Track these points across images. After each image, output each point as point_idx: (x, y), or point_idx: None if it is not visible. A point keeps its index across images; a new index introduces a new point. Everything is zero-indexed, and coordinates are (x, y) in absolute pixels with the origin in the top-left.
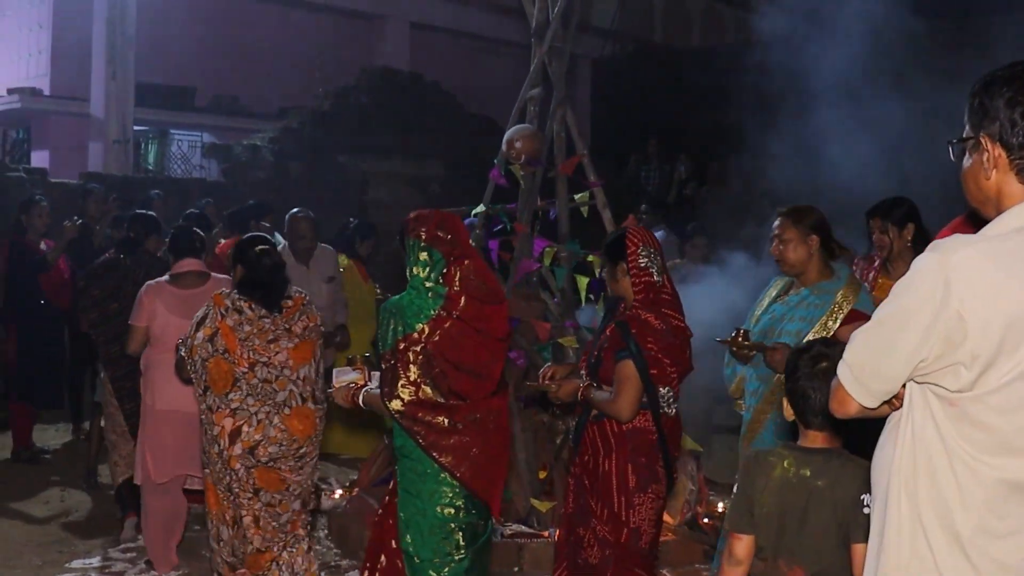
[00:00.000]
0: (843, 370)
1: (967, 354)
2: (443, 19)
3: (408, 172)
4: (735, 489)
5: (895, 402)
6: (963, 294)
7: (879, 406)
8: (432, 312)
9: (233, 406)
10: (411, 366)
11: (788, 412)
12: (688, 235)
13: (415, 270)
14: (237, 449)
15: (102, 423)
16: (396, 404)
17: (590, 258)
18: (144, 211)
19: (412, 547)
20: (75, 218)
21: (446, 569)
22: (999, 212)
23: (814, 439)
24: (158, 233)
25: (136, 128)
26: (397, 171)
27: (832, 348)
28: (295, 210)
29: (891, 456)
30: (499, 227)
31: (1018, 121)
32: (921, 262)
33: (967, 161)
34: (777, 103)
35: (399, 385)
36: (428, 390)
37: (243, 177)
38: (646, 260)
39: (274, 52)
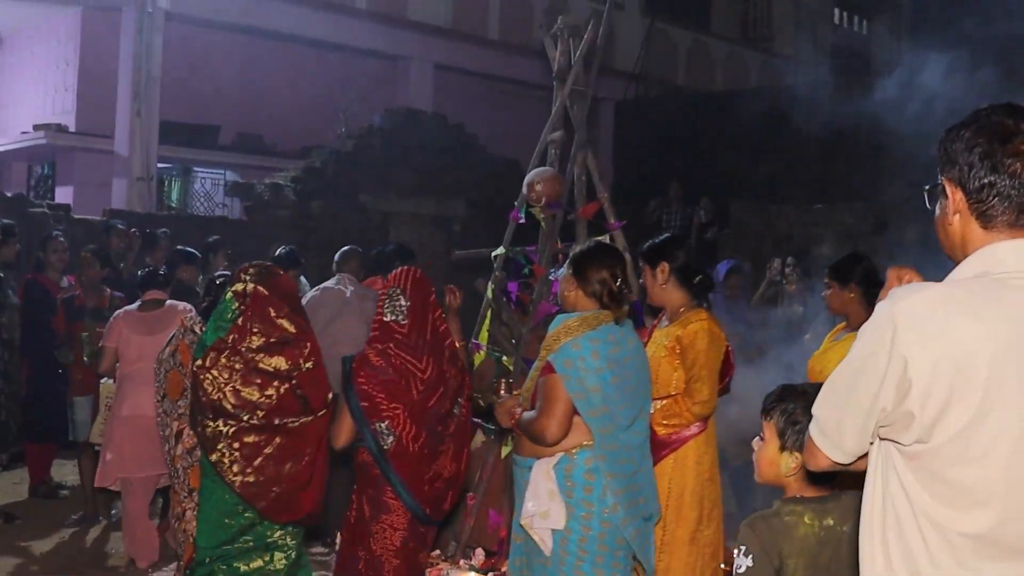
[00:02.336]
0: (812, 424)
1: (916, 402)
2: (466, 61)
3: (430, 212)
4: (748, 561)
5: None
6: (908, 339)
7: (854, 461)
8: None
9: (180, 411)
10: None
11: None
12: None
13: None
14: (179, 449)
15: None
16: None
17: None
18: (181, 247)
19: (196, 534)
20: (92, 247)
21: (220, 562)
22: (965, 257)
23: (818, 486)
24: (191, 263)
25: (160, 165)
26: (419, 211)
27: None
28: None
29: (868, 509)
30: (519, 269)
31: (975, 163)
32: (876, 310)
33: (937, 208)
34: (799, 147)
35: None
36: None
37: (265, 216)
38: (388, 302)
39: (298, 91)
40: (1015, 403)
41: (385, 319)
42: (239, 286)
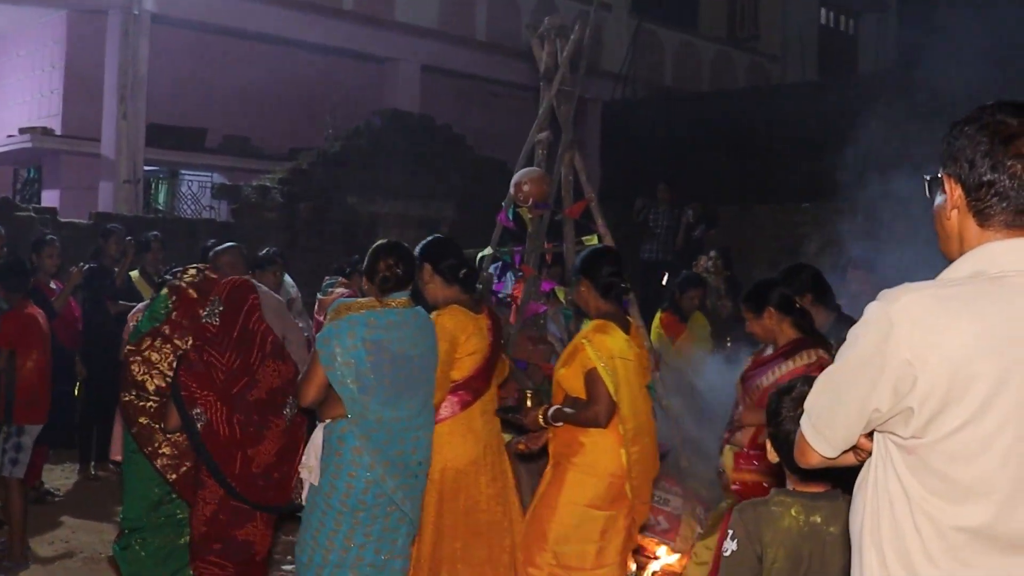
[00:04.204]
0: (804, 418)
1: (915, 399)
2: (453, 62)
3: (417, 214)
4: (733, 545)
5: (859, 452)
6: (906, 340)
7: (839, 456)
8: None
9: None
10: None
11: (772, 455)
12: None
13: None
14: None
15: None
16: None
17: None
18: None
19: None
20: (81, 264)
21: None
22: (962, 254)
23: (814, 484)
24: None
25: (146, 168)
26: (406, 212)
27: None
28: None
29: (860, 506)
30: (507, 269)
31: (977, 161)
32: (868, 311)
33: (936, 201)
34: (787, 147)
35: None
36: None
37: (253, 218)
38: (209, 307)
39: (285, 93)
40: (1013, 402)
41: (203, 321)
42: (175, 283)
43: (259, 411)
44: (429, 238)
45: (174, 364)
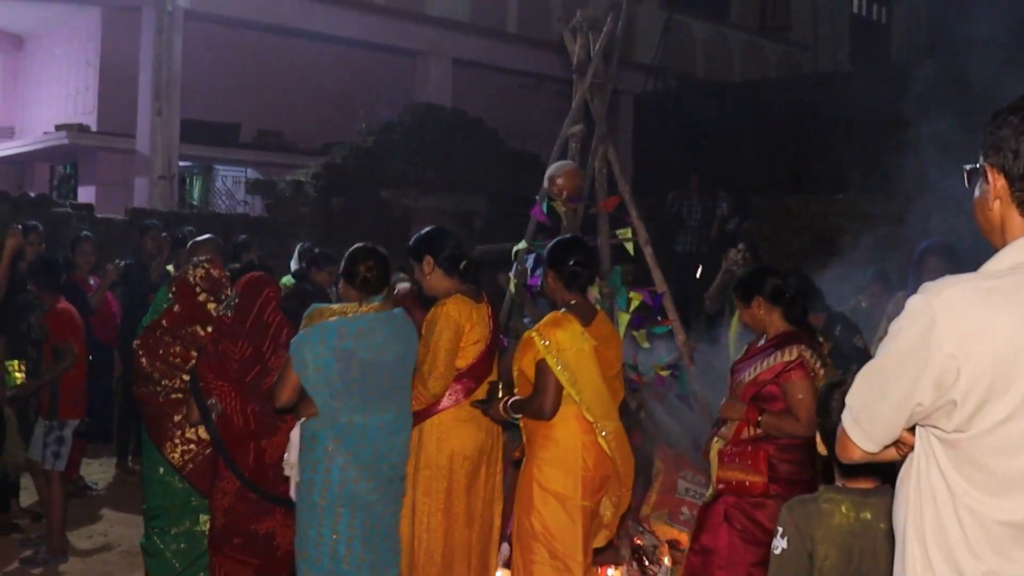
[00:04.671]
0: (845, 413)
1: (959, 392)
2: (486, 55)
3: (450, 207)
4: (783, 543)
5: (901, 447)
6: (950, 333)
7: (881, 450)
8: None
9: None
10: None
11: (822, 449)
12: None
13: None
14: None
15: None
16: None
17: (631, 295)
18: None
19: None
20: (118, 261)
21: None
22: (1004, 244)
23: (862, 479)
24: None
25: (181, 164)
26: (440, 206)
27: None
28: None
29: (904, 500)
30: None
31: (1021, 151)
32: (910, 304)
33: (976, 191)
34: (820, 137)
35: None
36: None
37: (287, 212)
38: (226, 301)
39: (318, 88)
40: None
41: (219, 313)
42: (178, 275)
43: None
44: (427, 229)
45: (176, 355)
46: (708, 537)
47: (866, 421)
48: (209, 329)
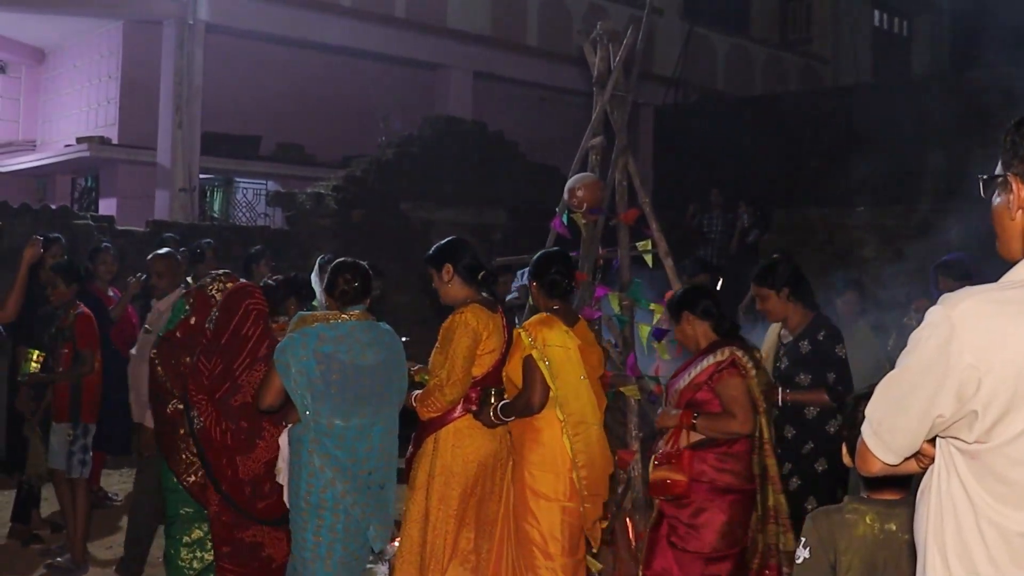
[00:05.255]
0: (865, 425)
1: (980, 403)
2: (506, 68)
3: (470, 220)
4: (805, 552)
5: (922, 459)
6: (970, 344)
7: (901, 463)
8: None
9: None
10: None
11: (848, 461)
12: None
13: None
14: None
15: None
16: None
17: (652, 306)
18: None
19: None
20: (140, 275)
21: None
22: (1023, 255)
23: (887, 491)
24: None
25: (202, 176)
26: (460, 219)
27: None
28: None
29: (924, 512)
30: None
31: None
32: (929, 315)
33: (996, 200)
34: (841, 150)
35: None
36: None
37: (307, 225)
38: (210, 314)
39: (338, 101)
40: None
41: (206, 327)
42: (195, 287)
43: (247, 417)
44: (448, 239)
45: (186, 366)
46: (659, 561)
47: (887, 433)
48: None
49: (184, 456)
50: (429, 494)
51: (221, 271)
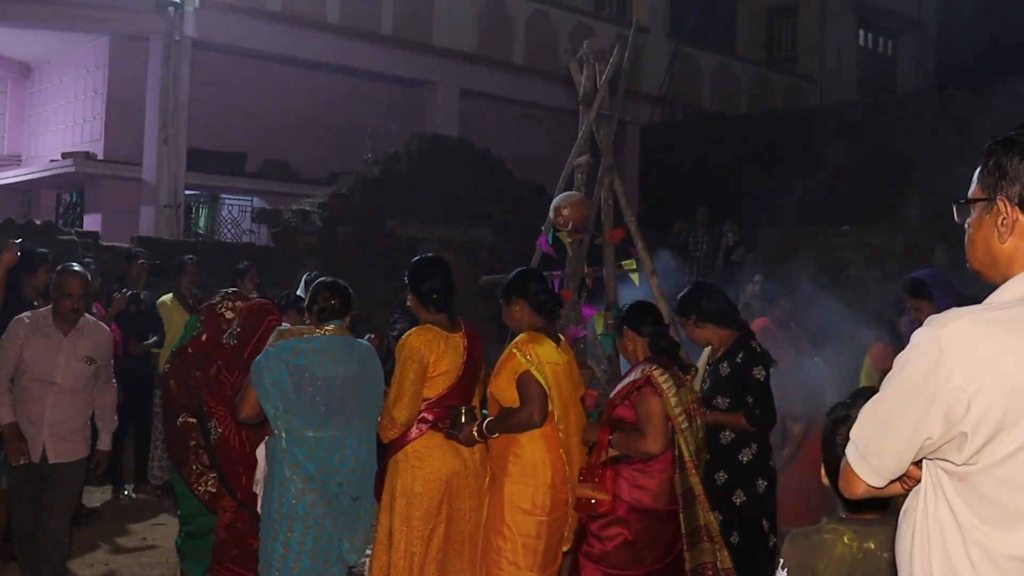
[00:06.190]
0: (849, 447)
1: (970, 424)
2: (492, 86)
3: (456, 238)
4: (783, 574)
5: (907, 481)
6: (959, 366)
7: (886, 485)
8: None
9: None
10: None
11: (826, 480)
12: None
13: None
14: None
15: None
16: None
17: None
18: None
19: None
20: (125, 291)
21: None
22: (1005, 277)
23: (866, 511)
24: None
25: (187, 193)
26: (446, 236)
27: None
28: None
29: (908, 532)
30: None
31: None
32: (916, 337)
33: (975, 222)
34: (826, 168)
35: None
36: None
37: (292, 242)
38: (229, 329)
39: (324, 117)
40: None
41: (225, 341)
42: (209, 303)
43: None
44: (415, 260)
45: (196, 380)
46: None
47: (873, 456)
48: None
49: (195, 467)
50: (392, 515)
51: (230, 289)
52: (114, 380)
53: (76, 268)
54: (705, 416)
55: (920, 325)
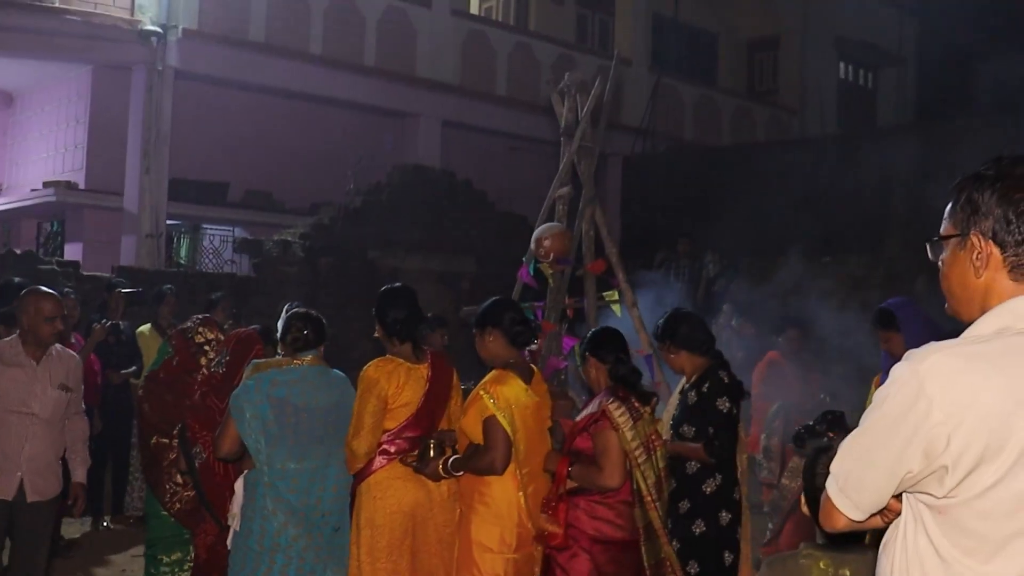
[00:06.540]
0: (830, 481)
1: (950, 458)
2: (474, 117)
3: (438, 268)
4: None
5: (887, 514)
6: (938, 400)
7: (867, 519)
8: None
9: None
10: None
11: (806, 510)
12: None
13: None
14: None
15: None
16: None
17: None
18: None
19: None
20: (104, 321)
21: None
22: (982, 311)
23: (845, 542)
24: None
25: (169, 222)
26: (427, 267)
27: None
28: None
29: (888, 565)
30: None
31: (1012, 219)
32: (895, 371)
33: (949, 259)
34: (808, 200)
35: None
36: None
37: (273, 272)
38: (214, 356)
39: (306, 148)
40: None
41: (211, 369)
42: (179, 329)
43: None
44: (381, 290)
45: (168, 404)
46: None
47: (853, 490)
48: (199, 379)
49: (168, 486)
50: (359, 547)
51: (201, 316)
52: (84, 409)
53: (48, 290)
54: (665, 446)
55: (891, 356)
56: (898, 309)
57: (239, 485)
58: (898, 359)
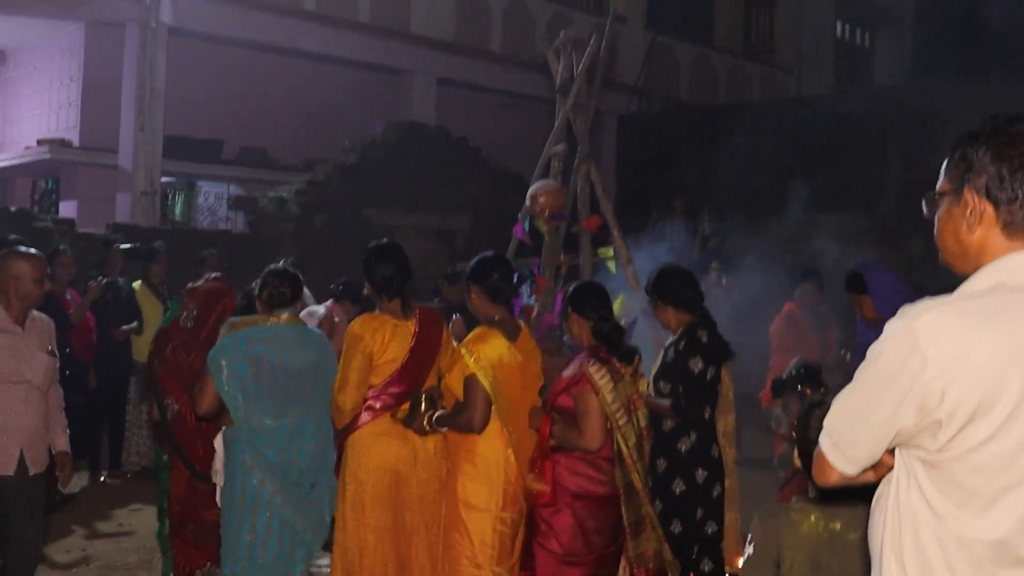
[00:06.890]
0: (823, 437)
1: (944, 412)
2: (469, 74)
3: (433, 226)
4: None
5: (880, 469)
6: (932, 356)
7: (860, 473)
8: None
9: None
10: None
11: (797, 463)
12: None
13: None
14: None
15: None
16: None
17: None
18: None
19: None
20: (101, 278)
21: None
22: (976, 268)
23: (836, 497)
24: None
25: (164, 180)
26: (422, 225)
27: None
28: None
29: (880, 519)
30: (523, 282)
31: (1006, 176)
32: (889, 328)
33: (944, 215)
34: (803, 158)
35: None
36: None
37: (269, 229)
38: (186, 312)
39: (301, 105)
40: None
41: (180, 324)
42: (188, 288)
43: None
44: (369, 247)
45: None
46: (533, 561)
47: (847, 445)
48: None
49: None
50: (344, 501)
51: (213, 274)
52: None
53: (29, 250)
54: (642, 404)
55: (864, 319)
56: (867, 271)
57: (218, 442)
58: (870, 321)
